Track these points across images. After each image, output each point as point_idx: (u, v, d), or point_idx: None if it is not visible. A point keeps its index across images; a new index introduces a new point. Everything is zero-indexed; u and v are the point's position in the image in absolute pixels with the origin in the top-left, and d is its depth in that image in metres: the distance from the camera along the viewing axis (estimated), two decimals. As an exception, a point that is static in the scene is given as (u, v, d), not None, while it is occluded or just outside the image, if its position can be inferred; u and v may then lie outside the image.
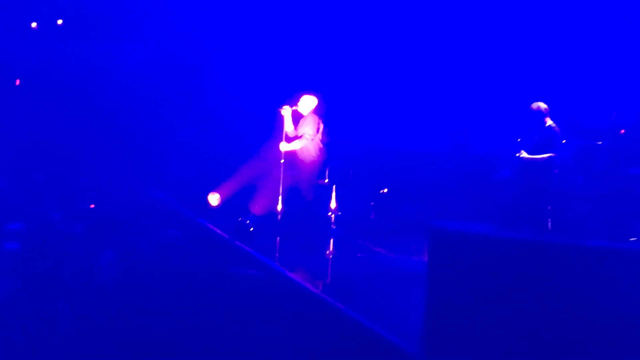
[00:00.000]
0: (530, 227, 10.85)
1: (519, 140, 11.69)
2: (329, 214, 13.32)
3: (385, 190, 14.39)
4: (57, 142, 16.06)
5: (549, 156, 11.36)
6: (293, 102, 13.06)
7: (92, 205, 13.30)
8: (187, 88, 16.58)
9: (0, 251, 10.02)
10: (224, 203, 13.74)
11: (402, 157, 14.95)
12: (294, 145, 12.89)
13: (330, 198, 13.35)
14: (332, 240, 12.73)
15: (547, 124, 11.50)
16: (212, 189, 13.91)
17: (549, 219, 11.36)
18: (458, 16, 14.76)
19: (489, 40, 14.37)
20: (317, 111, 13.05)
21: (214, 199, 13.72)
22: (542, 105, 11.54)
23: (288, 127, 13.00)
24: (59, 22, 16.13)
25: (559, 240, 7.46)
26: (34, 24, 16.00)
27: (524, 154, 11.53)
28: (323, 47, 15.83)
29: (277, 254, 11.56)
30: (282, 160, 12.88)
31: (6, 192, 13.29)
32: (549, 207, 11.44)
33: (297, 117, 13.07)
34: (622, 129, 12.02)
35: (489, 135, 14.04)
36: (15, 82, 16.00)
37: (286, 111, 12.97)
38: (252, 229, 12.46)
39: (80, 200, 13.49)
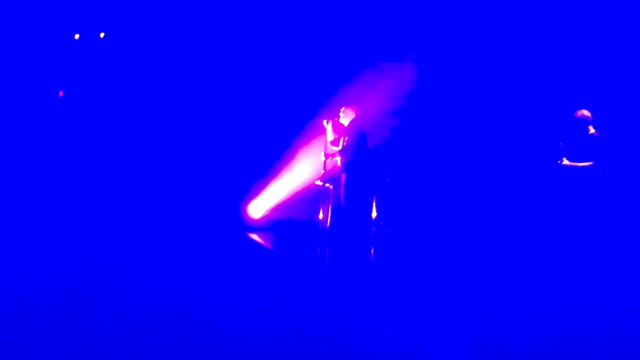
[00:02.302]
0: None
1: (560, 144, 11.70)
2: (371, 223, 13.37)
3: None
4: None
5: (591, 165, 11.37)
6: (333, 113, 13.17)
7: None
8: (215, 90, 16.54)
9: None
10: (266, 214, 13.82)
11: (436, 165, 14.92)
12: (335, 156, 13.00)
13: (371, 208, 13.41)
14: (372, 250, 12.78)
15: (590, 132, 11.51)
16: (251, 200, 13.95)
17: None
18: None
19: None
20: (357, 122, 13.14)
21: (256, 210, 13.79)
22: (586, 112, 11.56)
23: (330, 137, 13.11)
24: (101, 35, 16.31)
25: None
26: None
27: (565, 162, 11.54)
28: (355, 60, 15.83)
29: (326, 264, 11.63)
30: (323, 171, 12.99)
31: None
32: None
33: (338, 128, 13.16)
34: None
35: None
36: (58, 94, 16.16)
37: (327, 123, 13.09)
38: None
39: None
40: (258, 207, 13.94)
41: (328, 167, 13.14)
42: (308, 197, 13.50)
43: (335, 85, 14.96)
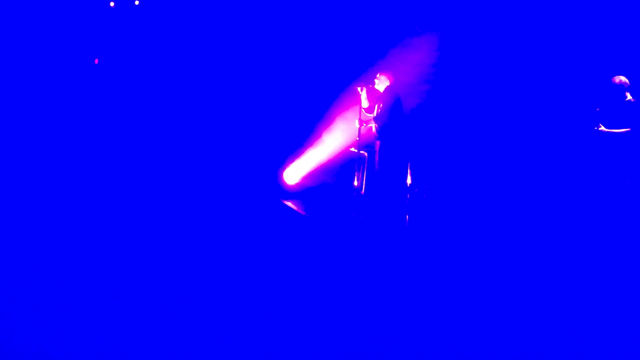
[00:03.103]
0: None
1: (597, 109, 11.62)
2: (405, 190, 13.39)
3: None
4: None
5: (628, 131, 11.29)
6: (369, 80, 13.16)
7: None
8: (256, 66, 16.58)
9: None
10: (302, 182, 13.88)
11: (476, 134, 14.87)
12: (370, 122, 13.00)
13: (406, 175, 13.42)
14: (407, 217, 12.81)
15: (628, 98, 11.42)
16: (285, 166, 14.02)
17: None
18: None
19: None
20: (391, 88, 13.12)
21: (291, 177, 13.85)
22: (624, 78, 11.45)
23: (364, 104, 13.11)
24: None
25: None
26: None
27: (602, 128, 11.46)
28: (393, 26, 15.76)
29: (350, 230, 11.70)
30: (357, 138, 13.01)
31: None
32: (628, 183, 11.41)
33: (372, 95, 13.16)
34: None
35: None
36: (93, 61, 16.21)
37: (362, 89, 13.08)
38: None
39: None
40: (293, 174, 13.99)
41: (363, 133, 13.14)
42: (343, 164, 13.52)
43: (371, 53, 14.92)
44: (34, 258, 9.00)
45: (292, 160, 14.29)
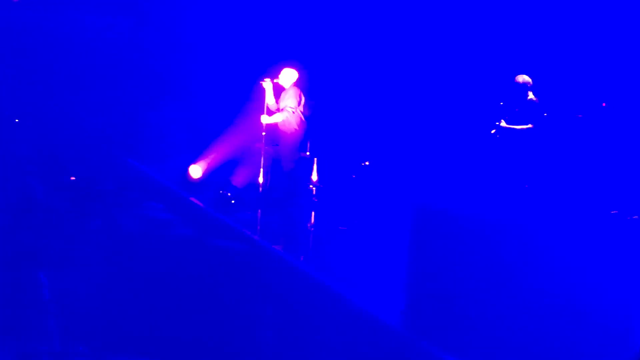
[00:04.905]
0: (511, 201, 10.98)
1: (501, 103, 11.81)
2: (311, 186, 13.35)
3: (367, 163, 14.41)
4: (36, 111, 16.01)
5: (527, 128, 11.50)
6: (274, 74, 13.04)
7: (73, 178, 13.29)
8: (164, 59, 16.45)
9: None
10: (205, 175, 13.74)
11: (386, 129, 14.92)
12: (276, 118, 12.89)
13: (312, 171, 13.37)
14: (313, 213, 12.77)
15: (529, 97, 11.63)
16: (193, 161, 13.90)
17: (527, 191, 11.52)
18: None
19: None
20: (298, 84, 13.04)
21: (195, 171, 13.73)
22: (527, 78, 11.67)
23: (269, 99, 12.99)
24: None
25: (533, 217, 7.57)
26: None
27: (503, 124, 11.67)
28: (304, 17, 15.75)
29: (258, 227, 11.62)
30: (264, 133, 12.90)
31: None
32: (526, 180, 11.59)
33: (278, 90, 13.05)
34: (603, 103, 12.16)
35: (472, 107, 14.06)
36: None
37: (267, 84, 12.95)
38: (233, 201, 12.50)
39: (61, 172, 13.46)
40: (198, 169, 13.83)
41: (269, 128, 13.03)
42: (248, 159, 13.39)
43: (276, 49, 14.93)
44: None
45: (199, 156, 14.14)
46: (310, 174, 13.35)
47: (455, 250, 6.96)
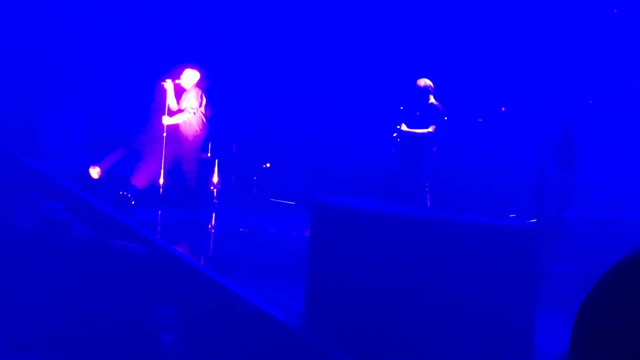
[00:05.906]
0: (410, 202, 11.07)
1: (401, 108, 11.89)
2: (211, 188, 13.28)
3: (268, 164, 14.43)
4: None
5: (428, 132, 11.59)
6: (175, 75, 12.95)
7: None
8: (64, 58, 16.17)
9: None
10: (104, 176, 13.54)
11: (286, 131, 14.98)
12: (177, 119, 12.80)
13: (212, 172, 13.31)
14: (214, 215, 12.73)
15: (430, 101, 11.71)
16: (93, 161, 13.69)
17: (427, 194, 11.66)
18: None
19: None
20: (199, 85, 12.98)
21: (94, 171, 13.52)
22: (428, 82, 11.73)
23: (170, 100, 12.89)
24: None
25: (436, 215, 7.68)
26: None
27: (404, 127, 11.74)
28: (205, 18, 15.71)
29: (158, 228, 11.52)
30: (165, 134, 12.79)
31: None
32: (426, 183, 11.74)
33: (179, 91, 12.96)
34: (502, 107, 12.44)
35: (373, 110, 14.19)
36: None
37: (168, 84, 12.85)
38: (133, 202, 12.37)
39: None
40: (96, 169, 13.62)
41: (170, 129, 12.92)
42: (149, 160, 13.24)
43: (179, 48, 14.85)
44: None
45: (101, 157, 13.93)
46: (211, 175, 13.28)
47: (354, 247, 7.02)
